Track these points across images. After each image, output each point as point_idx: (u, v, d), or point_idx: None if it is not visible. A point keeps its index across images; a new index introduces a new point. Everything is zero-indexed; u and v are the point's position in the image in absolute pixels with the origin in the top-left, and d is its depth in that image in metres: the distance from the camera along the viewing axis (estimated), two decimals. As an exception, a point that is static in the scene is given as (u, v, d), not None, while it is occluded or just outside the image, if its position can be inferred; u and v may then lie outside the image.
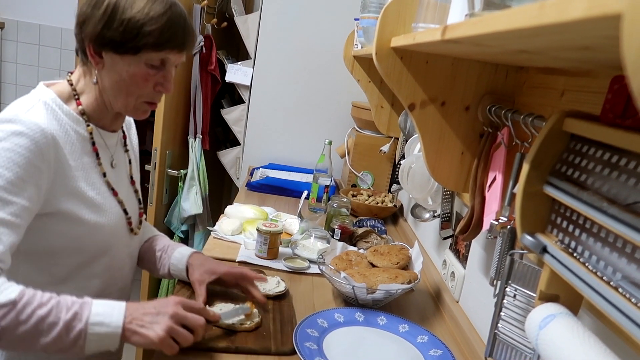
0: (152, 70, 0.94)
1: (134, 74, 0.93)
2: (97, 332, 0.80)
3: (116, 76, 0.93)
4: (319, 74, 2.47)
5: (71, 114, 0.95)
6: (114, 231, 1.01)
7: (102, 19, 0.88)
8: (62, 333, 0.78)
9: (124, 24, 0.88)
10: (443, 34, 0.66)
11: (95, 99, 0.97)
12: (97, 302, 0.83)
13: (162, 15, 0.90)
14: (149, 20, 0.89)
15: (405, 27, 1.04)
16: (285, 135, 2.55)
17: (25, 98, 0.93)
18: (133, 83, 0.94)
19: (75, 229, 0.93)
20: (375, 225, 1.78)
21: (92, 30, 0.90)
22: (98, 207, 0.97)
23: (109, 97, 0.96)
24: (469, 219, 1.05)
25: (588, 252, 0.60)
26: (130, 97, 0.96)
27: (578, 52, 0.53)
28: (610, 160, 0.58)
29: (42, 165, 0.86)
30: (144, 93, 0.96)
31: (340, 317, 1.14)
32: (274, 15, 2.41)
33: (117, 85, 0.94)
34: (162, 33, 0.90)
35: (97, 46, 0.91)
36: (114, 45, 0.90)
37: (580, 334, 0.57)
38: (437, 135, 1.08)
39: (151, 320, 0.84)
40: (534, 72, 0.98)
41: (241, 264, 1.40)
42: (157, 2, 0.91)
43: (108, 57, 0.92)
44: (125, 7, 0.88)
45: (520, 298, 0.78)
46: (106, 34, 0.89)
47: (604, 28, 0.34)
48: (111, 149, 1.05)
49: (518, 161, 0.87)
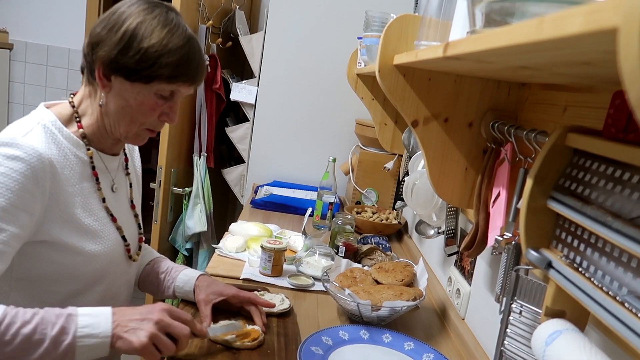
0: (161, 100, 0.94)
1: (142, 103, 0.92)
2: (86, 344, 0.79)
3: (123, 102, 0.92)
4: (323, 92, 2.49)
5: (71, 138, 0.93)
6: (111, 259, 0.99)
7: (119, 44, 0.87)
8: (50, 349, 0.77)
9: (141, 53, 0.87)
10: (445, 51, 0.66)
11: (97, 122, 0.96)
12: (83, 312, 0.81)
13: (180, 49, 0.90)
14: (167, 52, 0.88)
15: (408, 44, 1.05)
16: (289, 153, 2.56)
17: (24, 120, 0.91)
18: (139, 111, 0.93)
19: (70, 257, 0.91)
20: (379, 242, 1.77)
21: (106, 54, 0.88)
22: (95, 235, 0.95)
23: (112, 121, 0.95)
24: (473, 235, 1.05)
25: (593, 267, 0.60)
26: (134, 124, 0.95)
27: (579, 68, 0.53)
28: (613, 175, 0.58)
29: (37, 192, 0.84)
30: (148, 121, 0.96)
31: (345, 334, 1.13)
32: (278, 35, 2.44)
33: (123, 111, 0.93)
34: (177, 66, 0.90)
35: (108, 70, 0.90)
36: (127, 72, 0.89)
37: (588, 349, 0.56)
38: (441, 151, 1.09)
39: (135, 326, 0.82)
40: (536, 88, 0.99)
41: (245, 282, 1.40)
42: (176, 35, 0.90)
43: (117, 82, 0.91)
44: (144, 35, 0.87)
45: (526, 314, 0.78)
46: (120, 59, 0.88)
47: (602, 43, 0.34)
48: (112, 173, 1.03)
49: (522, 176, 0.87)
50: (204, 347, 1.02)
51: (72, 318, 0.80)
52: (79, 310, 0.81)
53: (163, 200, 2.26)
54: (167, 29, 0.89)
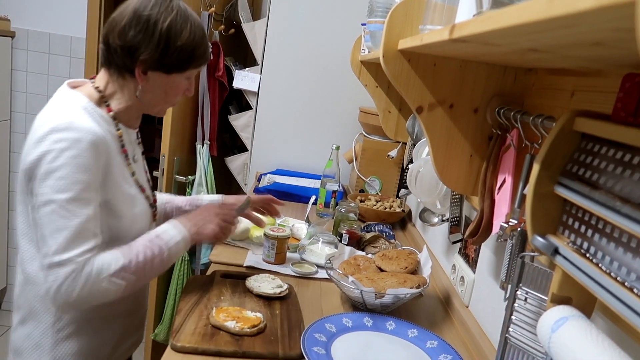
0: (187, 81, 1.10)
1: (177, 87, 1.08)
2: (177, 249, 1.07)
3: (159, 90, 1.06)
4: (326, 79, 2.47)
5: (105, 117, 1.04)
6: (143, 222, 1.14)
7: (158, 47, 0.99)
8: (157, 264, 1.04)
9: (178, 50, 1.01)
10: (451, 33, 0.65)
11: (127, 106, 1.07)
12: (161, 230, 1.07)
13: (202, 39, 1.05)
14: (196, 45, 1.03)
15: (413, 29, 1.04)
16: (292, 141, 2.55)
17: (62, 103, 1.00)
18: (173, 94, 1.08)
19: (116, 221, 1.05)
20: (383, 230, 1.77)
21: (149, 56, 1.00)
22: (133, 201, 1.09)
23: (147, 105, 1.09)
24: (478, 223, 1.04)
25: (601, 252, 0.59)
26: (168, 104, 1.11)
27: (589, 49, 0.52)
28: (622, 159, 0.57)
29: (99, 166, 0.98)
30: (176, 99, 1.11)
31: (348, 321, 1.13)
32: (281, 22, 2.42)
33: (160, 96, 1.07)
34: (204, 54, 1.06)
35: (148, 68, 1.02)
36: (168, 68, 1.03)
37: (594, 336, 0.56)
38: (446, 138, 1.07)
39: (203, 223, 1.14)
40: (543, 73, 0.97)
41: (248, 269, 1.40)
42: (195, 25, 1.03)
43: (155, 75, 1.03)
44: (176, 35, 1.00)
45: (532, 301, 0.77)
46: (162, 59, 1.01)
47: (615, 19, 0.33)
48: (132, 145, 1.14)
49: (528, 162, 0.86)
50: (207, 333, 1.02)
51: (159, 238, 1.05)
52: (158, 231, 1.07)
53: (166, 188, 2.26)
54: (189, 23, 1.02)
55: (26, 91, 2.78)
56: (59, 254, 0.93)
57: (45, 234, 0.93)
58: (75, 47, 2.75)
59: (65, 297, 0.94)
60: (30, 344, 1.06)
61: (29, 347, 1.06)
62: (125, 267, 0.98)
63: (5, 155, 2.79)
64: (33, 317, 1.06)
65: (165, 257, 1.05)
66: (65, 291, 0.93)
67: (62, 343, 1.06)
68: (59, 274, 0.93)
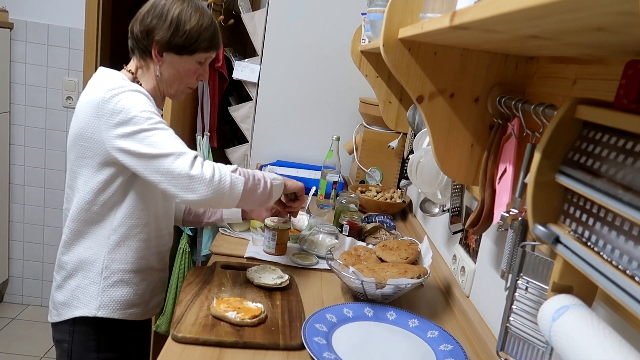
0: (199, 65, 1.23)
1: (188, 69, 1.22)
2: (276, 184, 1.22)
3: (174, 71, 1.21)
4: (327, 70, 2.46)
5: (143, 92, 1.18)
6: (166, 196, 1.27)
7: (169, 29, 1.16)
8: (264, 186, 1.18)
9: (186, 33, 1.17)
10: (452, 20, 0.64)
11: (154, 87, 1.24)
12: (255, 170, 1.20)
13: (210, 26, 1.20)
14: (203, 30, 1.18)
15: (413, 17, 1.03)
16: (293, 132, 2.54)
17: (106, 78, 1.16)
18: (186, 75, 1.23)
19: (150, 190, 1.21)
20: (384, 221, 1.76)
21: (161, 37, 1.16)
22: None
23: (165, 85, 1.24)
24: (479, 212, 1.04)
25: (602, 241, 0.58)
26: (182, 85, 1.25)
27: (591, 35, 0.51)
28: (625, 147, 0.57)
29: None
30: (190, 82, 1.26)
31: (349, 312, 1.13)
32: (281, 12, 2.40)
33: (174, 77, 1.22)
34: (211, 39, 1.21)
35: (162, 49, 1.18)
36: (178, 49, 1.18)
37: (595, 325, 0.55)
38: (446, 127, 1.07)
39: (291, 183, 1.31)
40: (544, 61, 0.96)
41: (249, 260, 1.40)
42: (204, 15, 1.19)
43: (168, 57, 1.19)
44: (186, 20, 1.16)
45: (532, 290, 0.77)
46: (173, 40, 1.17)
47: (619, 1, 0.32)
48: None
49: (529, 151, 0.85)
50: (208, 324, 1.02)
51: (266, 175, 1.20)
52: (264, 173, 1.21)
53: (166, 180, 2.25)
54: (199, 12, 1.19)
55: (25, 83, 2.77)
56: (177, 157, 1.07)
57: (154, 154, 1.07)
58: (74, 38, 2.73)
59: (201, 179, 1.07)
60: (79, 293, 1.20)
61: (78, 295, 1.20)
62: (237, 170, 1.13)
63: (5, 148, 2.79)
64: (82, 268, 1.20)
65: (268, 187, 1.19)
66: (200, 175, 1.07)
67: (108, 290, 1.21)
68: (185, 165, 1.06)
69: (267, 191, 1.18)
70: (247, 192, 1.13)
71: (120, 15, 2.80)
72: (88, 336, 1.21)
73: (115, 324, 1.23)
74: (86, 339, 1.21)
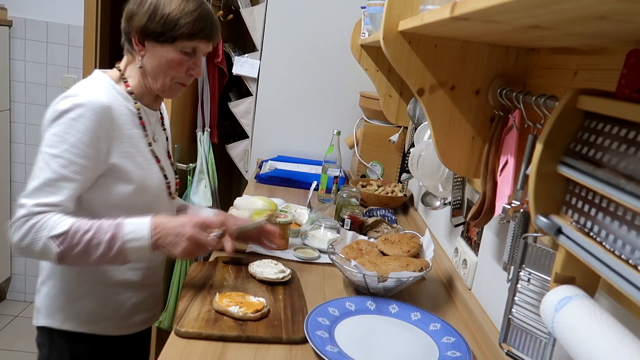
0: (185, 56, 1.13)
1: (171, 60, 1.11)
2: (132, 246, 1.03)
3: (156, 61, 1.12)
4: (327, 64, 2.46)
5: (123, 93, 1.14)
6: (157, 193, 1.19)
7: (146, 14, 1.08)
8: (106, 250, 1.01)
9: (164, 18, 1.08)
10: (452, 11, 0.64)
11: (139, 82, 1.16)
12: (128, 221, 1.04)
13: (194, 11, 1.09)
14: (184, 14, 1.08)
15: (413, 10, 1.02)
16: (293, 127, 2.54)
17: (85, 81, 1.12)
18: (170, 67, 1.12)
19: (126, 187, 1.12)
20: (385, 215, 1.76)
21: (138, 23, 1.09)
22: (144, 170, 1.15)
23: (150, 79, 1.15)
24: (480, 205, 1.04)
25: (604, 231, 0.58)
26: (167, 79, 1.14)
27: (593, 24, 0.51)
28: (626, 136, 0.56)
29: (100, 131, 1.05)
30: (178, 76, 1.15)
31: (351, 305, 1.13)
32: (280, 7, 2.40)
33: (157, 69, 1.13)
34: (193, 25, 1.09)
35: (141, 36, 1.10)
36: (156, 36, 1.09)
37: (598, 315, 0.55)
38: (447, 120, 1.06)
39: (173, 240, 1.04)
40: (545, 52, 0.96)
41: (250, 255, 1.40)
42: (190, 1, 1.09)
43: (150, 46, 1.11)
44: (165, 4, 1.08)
45: (535, 282, 0.77)
46: (149, 26, 1.08)
47: (621, -12, 0.32)
48: (152, 125, 1.22)
49: (530, 143, 0.85)
50: (211, 319, 1.02)
51: (120, 226, 1.03)
52: (125, 220, 1.04)
53: (167, 176, 2.25)
54: None
55: (25, 80, 2.77)
56: (24, 197, 1.02)
57: (32, 177, 1.03)
58: (73, 35, 2.72)
59: (11, 239, 1.01)
60: (48, 301, 1.16)
61: (47, 304, 1.16)
62: (66, 235, 0.99)
63: (5, 145, 2.79)
64: (52, 277, 1.16)
65: (114, 250, 1.01)
66: (13, 233, 1.01)
67: (76, 301, 1.16)
68: (15, 215, 1.01)
69: (109, 256, 1.02)
70: (73, 257, 1.00)
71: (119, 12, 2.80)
72: (62, 349, 1.18)
73: (92, 339, 1.18)
74: (62, 351, 1.18)
